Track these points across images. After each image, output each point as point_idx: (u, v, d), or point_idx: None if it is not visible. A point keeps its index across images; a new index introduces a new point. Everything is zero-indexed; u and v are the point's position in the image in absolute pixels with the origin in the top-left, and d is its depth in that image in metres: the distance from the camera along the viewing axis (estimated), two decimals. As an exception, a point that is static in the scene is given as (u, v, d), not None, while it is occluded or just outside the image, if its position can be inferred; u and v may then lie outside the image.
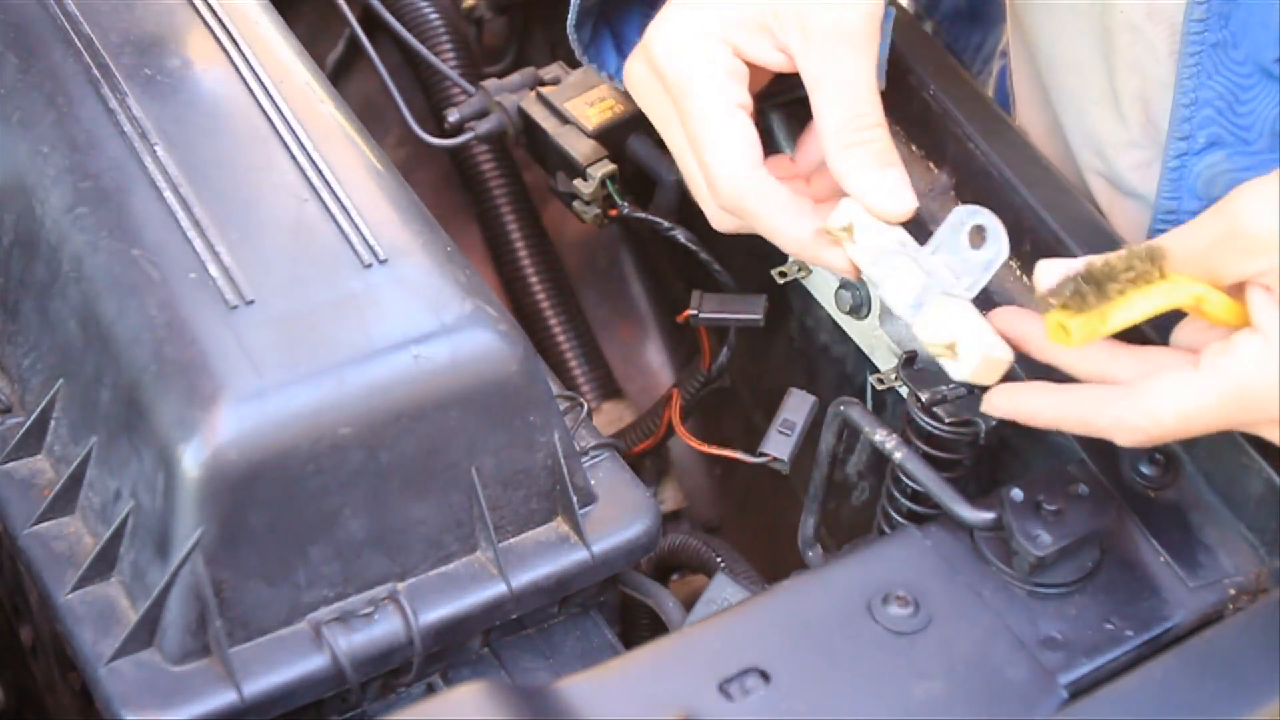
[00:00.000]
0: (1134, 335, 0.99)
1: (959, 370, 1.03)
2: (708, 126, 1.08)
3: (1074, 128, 1.21)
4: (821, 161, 1.09)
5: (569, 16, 1.16)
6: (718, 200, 1.10)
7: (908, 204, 1.06)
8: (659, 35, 1.09)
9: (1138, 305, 0.94)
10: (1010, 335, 1.02)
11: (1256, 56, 1.08)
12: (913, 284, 1.05)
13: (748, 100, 1.09)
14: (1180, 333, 1.00)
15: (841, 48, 1.06)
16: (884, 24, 1.13)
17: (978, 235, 1.05)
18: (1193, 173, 1.12)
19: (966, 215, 1.05)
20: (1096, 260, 0.95)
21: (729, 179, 1.07)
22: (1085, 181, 1.22)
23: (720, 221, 1.12)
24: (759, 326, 1.20)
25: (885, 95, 1.20)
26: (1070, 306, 0.94)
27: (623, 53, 1.19)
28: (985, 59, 1.49)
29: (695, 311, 1.20)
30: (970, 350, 1.02)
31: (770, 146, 1.19)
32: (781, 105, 1.21)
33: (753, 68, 1.10)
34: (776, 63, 1.09)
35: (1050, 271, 0.96)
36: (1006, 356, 1.03)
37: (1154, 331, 1.02)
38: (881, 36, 1.11)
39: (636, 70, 1.12)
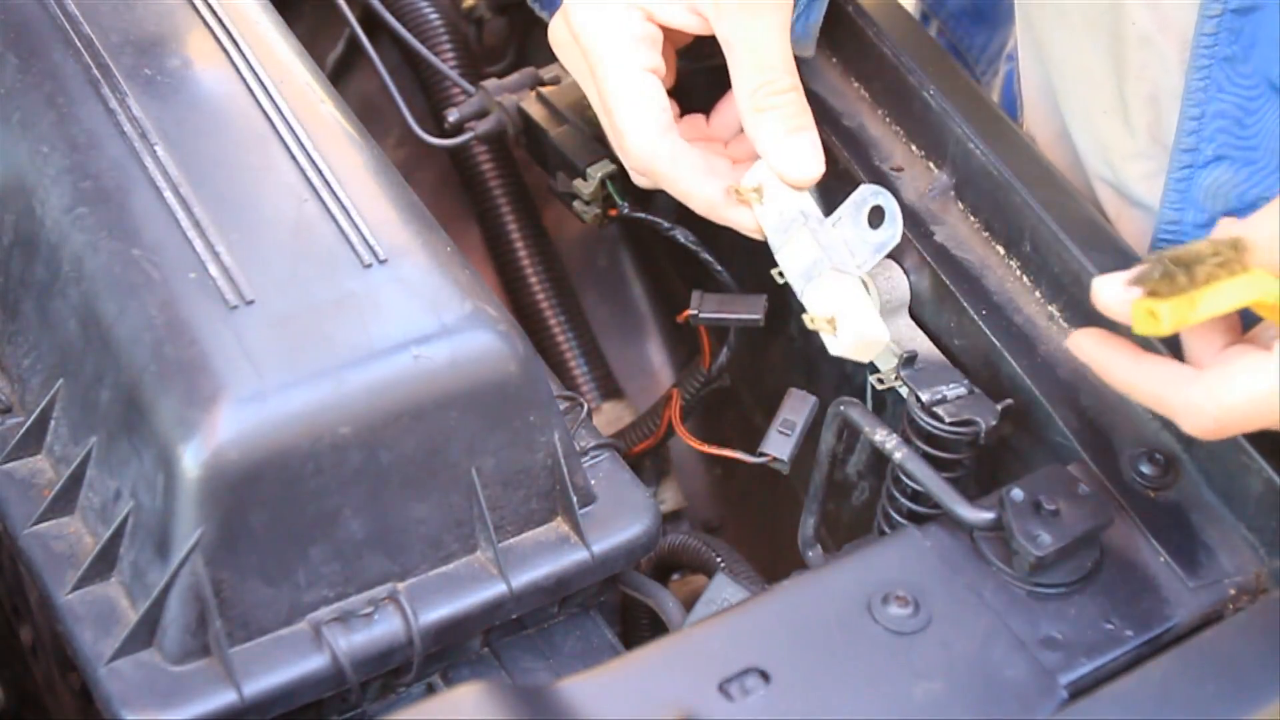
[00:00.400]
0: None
1: (834, 346, 1.07)
2: (617, 91, 1.12)
3: (1082, 135, 1.21)
4: (739, 124, 1.13)
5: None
6: (628, 163, 1.15)
7: (813, 170, 1.10)
8: None
9: (1226, 293, 0.92)
10: (1093, 361, 1.00)
11: (1265, 72, 1.08)
12: (806, 255, 1.09)
13: (659, 64, 1.13)
14: (1253, 334, 0.99)
15: (754, 11, 1.11)
16: None
17: (877, 215, 1.08)
18: (1198, 185, 1.12)
19: (869, 195, 1.09)
20: (1179, 247, 0.93)
21: (638, 143, 1.12)
22: (1093, 189, 1.22)
23: (637, 179, 1.17)
24: (759, 326, 1.20)
25: (886, 95, 1.21)
26: (1159, 292, 0.93)
27: None
28: (991, 59, 1.49)
29: (695, 311, 1.20)
30: (847, 327, 1.06)
31: (697, 108, 1.22)
32: (710, 68, 1.22)
33: (669, 31, 1.13)
34: (691, 25, 1.13)
35: (1110, 283, 0.95)
36: (882, 338, 1.07)
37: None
38: (812, 2, 1.15)
39: (558, 31, 1.16)
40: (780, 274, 1.14)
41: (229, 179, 1.07)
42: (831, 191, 1.14)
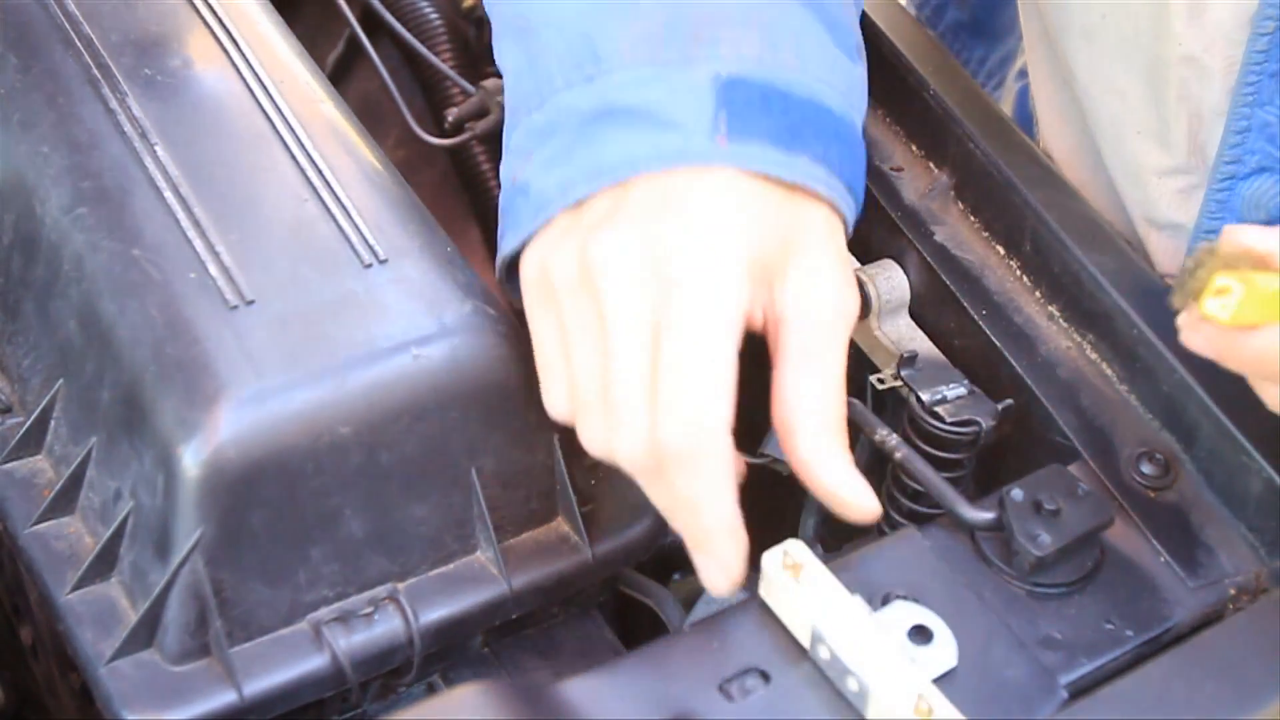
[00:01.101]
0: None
1: None
2: (702, 363, 0.92)
3: (1112, 156, 1.20)
4: None
5: (497, 268, 1.02)
6: (656, 433, 0.92)
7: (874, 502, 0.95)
8: (687, 240, 0.92)
9: (1267, 277, 0.87)
10: (1212, 349, 0.93)
11: None
12: (875, 650, 0.92)
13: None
14: None
15: (843, 330, 0.96)
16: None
17: (920, 634, 0.94)
18: (1238, 196, 1.12)
19: (912, 612, 0.94)
20: (1188, 257, 0.90)
21: (694, 424, 0.92)
22: (1122, 209, 1.21)
23: (599, 447, 0.95)
24: (759, 326, 1.20)
25: (886, 95, 1.21)
26: (1205, 282, 0.88)
27: None
28: (991, 72, 1.49)
29: (695, 312, 1.20)
30: None
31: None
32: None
33: None
34: (752, 321, 0.95)
35: (1184, 325, 0.90)
36: None
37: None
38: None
39: (624, 259, 0.92)
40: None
41: (229, 179, 1.07)
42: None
